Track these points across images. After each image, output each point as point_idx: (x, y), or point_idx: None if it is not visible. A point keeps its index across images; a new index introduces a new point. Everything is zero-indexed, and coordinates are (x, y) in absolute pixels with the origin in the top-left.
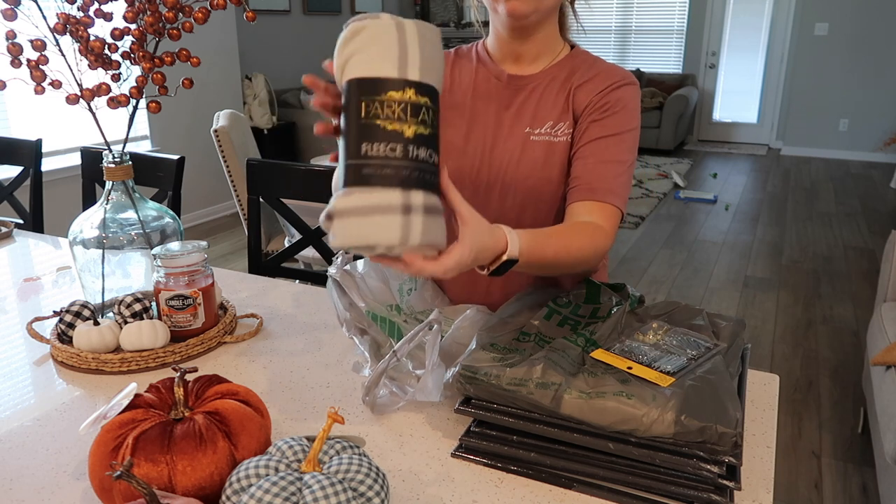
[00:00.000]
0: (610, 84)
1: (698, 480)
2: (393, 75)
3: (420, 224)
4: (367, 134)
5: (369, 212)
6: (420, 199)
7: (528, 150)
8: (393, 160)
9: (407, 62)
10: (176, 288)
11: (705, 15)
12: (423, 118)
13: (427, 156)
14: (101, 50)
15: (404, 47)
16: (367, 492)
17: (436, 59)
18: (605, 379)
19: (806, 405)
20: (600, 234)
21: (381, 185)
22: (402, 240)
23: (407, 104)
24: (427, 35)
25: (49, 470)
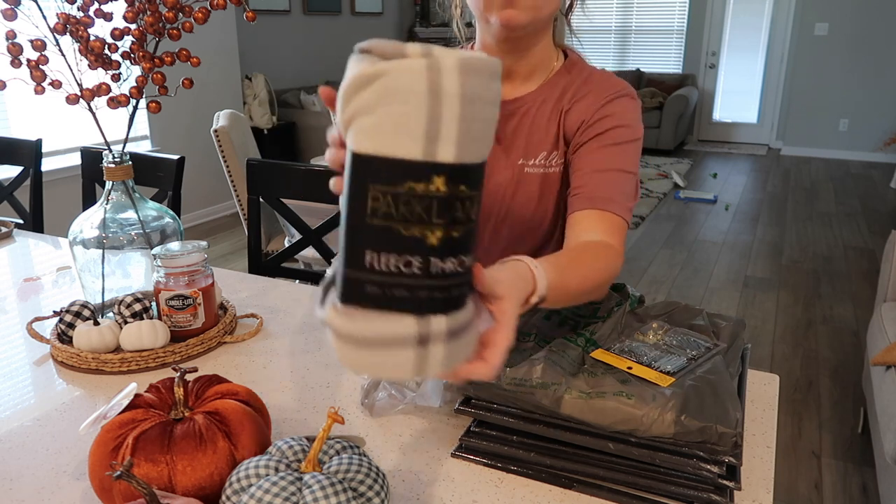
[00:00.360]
0: (603, 100)
1: (698, 480)
2: (416, 157)
3: (440, 354)
4: (374, 239)
5: (374, 344)
6: (443, 324)
7: (523, 184)
8: (407, 279)
9: (439, 136)
10: (176, 288)
11: (705, 15)
12: (455, 214)
13: (456, 266)
14: (101, 50)
15: (437, 112)
16: (366, 492)
17: (485, 122)
18: (605, 379)
19: (806, 405)
20: (613, 256)
21: (389, 310)
22: (416, 374)
23: (433, 200)
24: (476, 86)
25: (49, 470)
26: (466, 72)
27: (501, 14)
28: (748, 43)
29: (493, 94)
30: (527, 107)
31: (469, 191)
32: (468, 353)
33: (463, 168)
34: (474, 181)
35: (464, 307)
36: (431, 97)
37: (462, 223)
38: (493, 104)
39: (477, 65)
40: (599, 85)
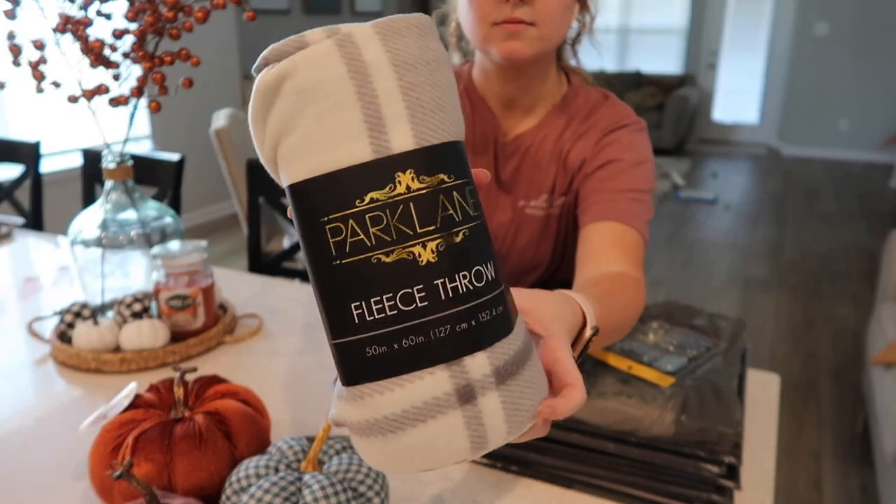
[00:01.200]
0: (601, 135)
1: (698, 481)
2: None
3: (496, 405)
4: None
5: (404, 424)
6: (484, 364)
7: (524, 225)
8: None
9: (383, 121)
10: (176, 288)
11: (705, 15)
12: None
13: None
14: (101, 50)
15: (369, 92)
16: (366, 492)
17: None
18: (605, 379)
19: (806, 405)
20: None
21: (408, 371)
22: (475, 445)
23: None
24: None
25: (49, 470)
26: (388, 34)
27: (503, 47)
28: (748, 43)
29: (433, 52)
30: (527, 145)
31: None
32: (538, 393)
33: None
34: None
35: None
36: (356, 77)
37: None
38: (439, 64)
39: (399, 24)
40: (599, 121)
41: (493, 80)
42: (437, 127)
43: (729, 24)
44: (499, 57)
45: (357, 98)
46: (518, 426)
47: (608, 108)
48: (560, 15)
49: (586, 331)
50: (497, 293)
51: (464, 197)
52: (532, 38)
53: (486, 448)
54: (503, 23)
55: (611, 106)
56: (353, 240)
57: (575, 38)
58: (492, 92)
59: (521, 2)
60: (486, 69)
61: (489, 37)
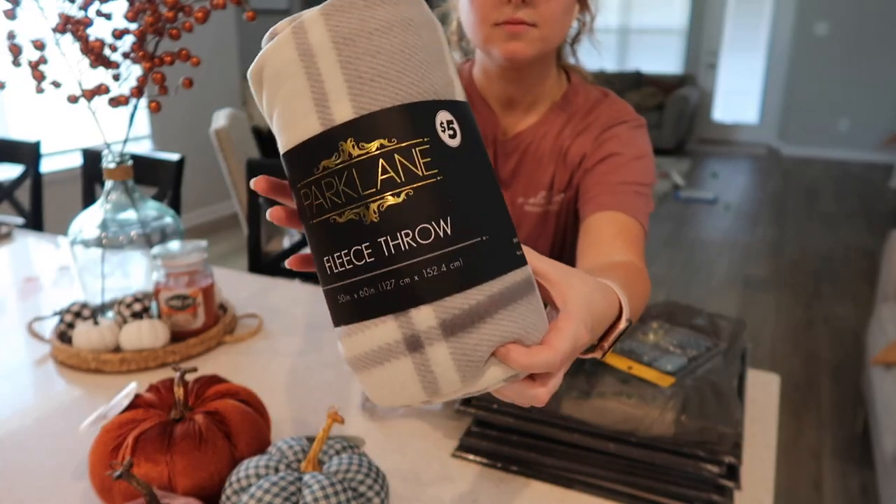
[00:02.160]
0: (602, 128)
1: (698, 480)
2: (316, 130)
3: (443, 355)
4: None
5: (368, 363)
6: (430, 317)
7: (522, 222)
8: (366, 273)
9: (326, 96)
10: (176, 288)
11: (705, 15)
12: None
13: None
14: (101, 50)
15: (314, 71)
16: (366, 492)
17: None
18: (605, 379)
19: (806, 405)
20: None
21: (365, 318)
22: (428, 389)
23: (351, 169)
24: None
25: (49, 470)
26: (331, 14)
27: (505, 47)
28: (748, 43)
29: (378, 20)
30: (526, 143)
31: (396, 142)
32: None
33: (370, 119)
34: (402, 129)
35: (467, 287)
36: (304, 59)
37: (401, 184)
38: (384, 31)
39: (343, 1)
40: (598, 118)
41: (494, 79)
42: (377, 94)
43: (729, 24)
44: (500, 58)
45: (306, 78)
46: (471, 377)
47: (608, 105)
48: (561, 16)
49: (621, 322)
50: (452, 249)
51: (409, 158)
52: (533, 39)
53: (440, 394)
54: (505, 24)
55: (611, 103)
56: (316, 203)
57: (575, 37)
58: (492, 91)
59: (522, 3)
60: (486, 68)
61: (491, 37)
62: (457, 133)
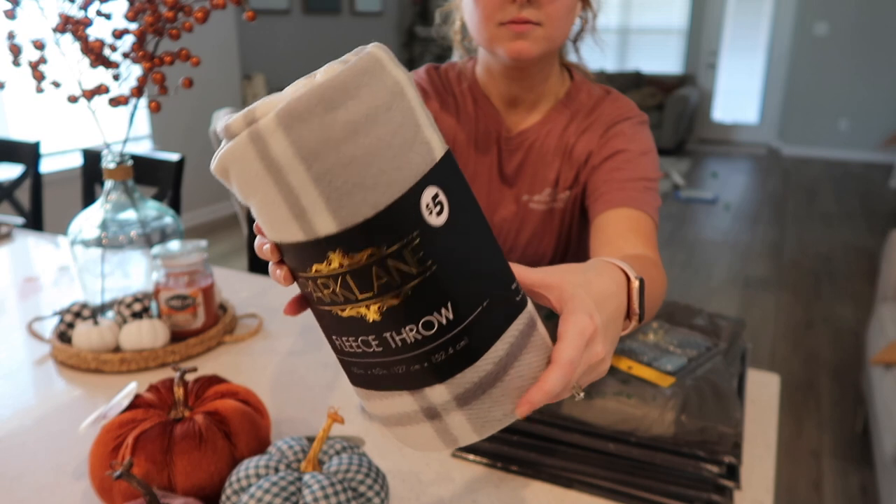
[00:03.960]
0: (605, 128)
1: (698, 480)
2: (300, 238)
3: (461, 420)
4: (328, 324)
5: (395, 422)
6: (444, 394)
7: (527, 219)
8: (376, 358)
9: (304, 211)
10: (176, 288)
11: (705, 15)
12: (381, 281)
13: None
14: (101, 50)
15: (286, 185)
16: (366, 492)
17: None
18: (605, 379)
19: (806, 405)
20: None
21: (382, 390)
22: (449, 445)
23: (345, 277)
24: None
25: (49, 470)
26: (290, 124)
27: (510, 47)
28: (748, 43)
29: (341, 126)
30: (530, 141)
31: (387, 247)
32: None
33: (356, 231)
34: (389, 234)
35: (473, 362)
36: (273, 174)
37: (399, 285)
38: (350, 136)
39: (300, 106)
40: (602, 115)
41: (498, 77)
42: (358, 205)
43: (729, 24)
44: (506, 57)
45: (278, 191)
46: (489, 430)
47: (611, 102)
48: (566, 14)
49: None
50: (457, 332)
51: (402, 259)
52: (538, 38)
53: (461, 444)
54: (510, 23)
55: (613, 100)
56: (318, 295)
57: (577, 34)
58: (496, 89)
59: (527, 2)
60: (490, 67)
61: (495, 37)
62: (444, 206)
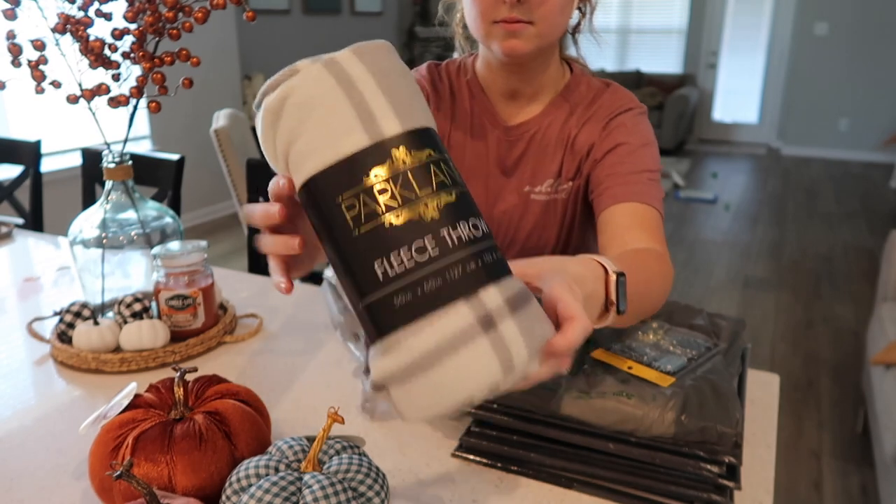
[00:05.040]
0: (606, 120)
1: (698, 480)
2: (365, 144)
3: (515, 329)
4: (373, 247)
5: (439, 356)
6: (496, 295)
7: (529, 210)
8: (431, 265)
9: (373, 115)
10: (176, 288)
11: (705, 15)
12: (438, 179)
13: (472, 231)
14: (101, 50)
15: (357, 96)
16: (366, 492)
17: (408, 88)
18: (605, 379)
19: (806, 405)
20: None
21: (433, 310)
22: (505, 367)
23: (407, 173)
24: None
25: (49, 470)
26: (362, 54)
27: (504, 44)
28: (748, 43)
29: (399, 65)
30: (532, 132)
31: (437, 153)
32: (545, 327)
33: (416, 133)
34: (436, 144)
35: (511, 273)
36: (345, 86)
37: (451, 186)
38: (404, 73)
39: (369, 47)
40: (603, 106)
41: (496, 71)
42: (416, 115)
43: (729, 24)
44: (500, 53)
45: (349, 102)
46: (535, 350)
47: (611, 93)
48: (558, 12)
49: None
50: (493, 242)
51: (449, 167)
52: (531, 36)
53: (514, 370)
54: (502, 21)
55: (613, 92)
56: (366, 211)
57: (575, 27)
58: (495, 83)
59: (518, 2)
60: (489, 61)
61: (490, 34)
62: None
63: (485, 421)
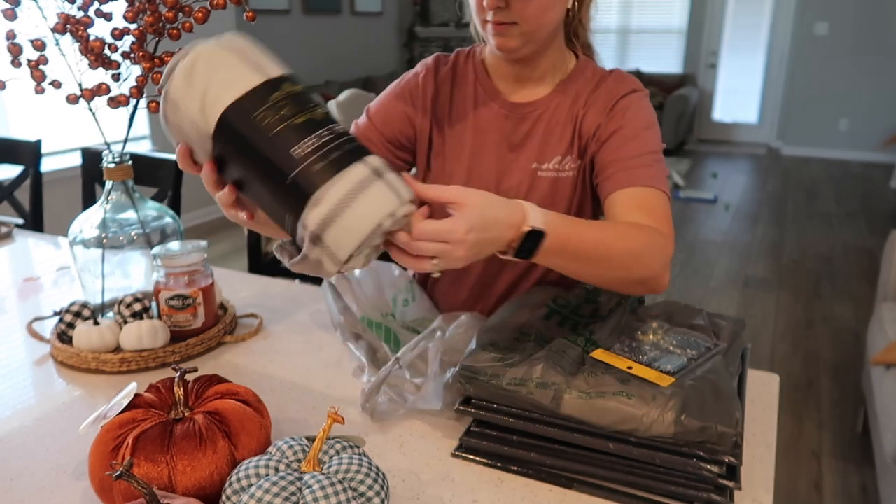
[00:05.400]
0: (612, 102)
1: (698, 480)
2: (260, 81)
3: (395, 177)
4: (287, 138)
5: (353, 195)
6: (376, 160)
7: (536, 186)
8: (330, 142)
9: (260, 65)
10: (176, 288)
11: (705, 15)
12: (315, 103)
13: (342, 129)
14: (101, 50)
15: (245, 54)
16: (367, 492)
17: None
18: (605, 379)
19: (806, 405)
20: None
21: (341, 169)
22: (399, 198)
23: (297, 96)
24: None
25: (49, 470)
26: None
27: (495, 41)
28: (748, 43)
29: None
30: (540, 111)
31: (305, 87)
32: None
33: (289, 76)
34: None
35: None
36: (234, 52)
37: (320, 106)
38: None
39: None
40: (609, 89)
41: (501, 59)
42: (283, 65)
43: (729, 24)
44: (494, 48)
45: (242, 59)
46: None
47: (615, 78)
48: (541, 12)
49: (524, 227)
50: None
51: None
52: (517, 35)
53: (404, 201)
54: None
55: (617, 75)
56: (276, 119)
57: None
58: (501, 68)
59: (498, 9)
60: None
61: (485, 30)
62: None
63: (485, 421)
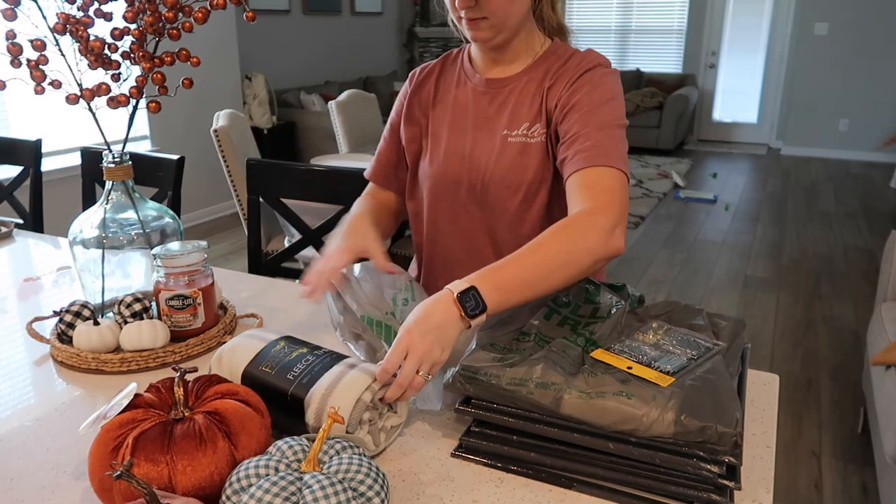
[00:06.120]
0: (576, 73)
1: (698, 480)
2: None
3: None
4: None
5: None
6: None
7: (505, 151)
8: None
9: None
10: (176, 288)
11: (705, 15)
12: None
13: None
14: (101, 50)
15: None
16: (366, 492)
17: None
18: (605, 379)
19: (806, 405)
20: (582, 216)
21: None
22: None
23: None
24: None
25: (49, 470)
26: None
27: (469, 34)
28: (748, 43)
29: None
30: (512, 86)
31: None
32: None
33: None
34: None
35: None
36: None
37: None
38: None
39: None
40: (575, 63)
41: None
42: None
43: (729, 24)
44: (470, 40)
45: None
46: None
47: (583, 54)
48: (507, 4)
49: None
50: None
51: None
52: (488, 27)
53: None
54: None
55: (585, 53)
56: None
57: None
58: (481, 56)
59: (468, 7)
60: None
61: (461, 25)
62: None
63: (485, 421)
